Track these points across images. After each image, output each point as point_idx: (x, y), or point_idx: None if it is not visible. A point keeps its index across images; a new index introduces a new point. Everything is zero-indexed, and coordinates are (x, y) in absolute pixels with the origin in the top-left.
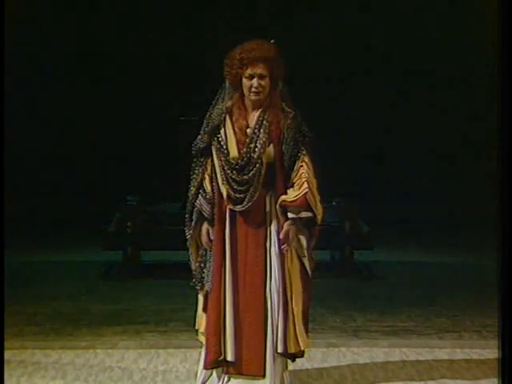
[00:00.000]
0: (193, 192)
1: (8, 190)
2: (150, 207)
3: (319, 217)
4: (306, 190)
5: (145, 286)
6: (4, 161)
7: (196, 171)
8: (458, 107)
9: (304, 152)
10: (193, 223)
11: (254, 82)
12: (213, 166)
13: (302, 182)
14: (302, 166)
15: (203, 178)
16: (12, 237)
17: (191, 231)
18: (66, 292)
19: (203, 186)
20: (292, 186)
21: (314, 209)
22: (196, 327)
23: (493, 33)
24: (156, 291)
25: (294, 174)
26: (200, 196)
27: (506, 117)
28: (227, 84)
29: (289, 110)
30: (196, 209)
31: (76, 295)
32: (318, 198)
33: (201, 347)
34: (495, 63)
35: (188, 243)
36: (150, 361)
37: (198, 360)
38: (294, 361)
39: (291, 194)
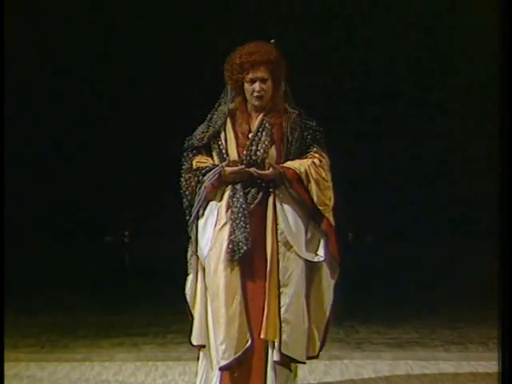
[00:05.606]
0: (184, 189)
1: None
2: (147, 217)
3: (326, 210)
4: (297, 170)
5: (142, 296)
6: (5, 165)
7: (184, 166)
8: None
9: (315, 149)
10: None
11: (256, 85)
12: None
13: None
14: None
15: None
16: (11, 246)
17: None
18: (63, 302)
19: (204, 167)
20: None
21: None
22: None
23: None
24: (154, 302)
25: None
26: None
27: (506, 116)
28: (228, 88)
29: (292, 110)
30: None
31: (72, 306)
32: (327, 184)
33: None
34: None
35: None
36: (147, 374)
37: (197, 372)
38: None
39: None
